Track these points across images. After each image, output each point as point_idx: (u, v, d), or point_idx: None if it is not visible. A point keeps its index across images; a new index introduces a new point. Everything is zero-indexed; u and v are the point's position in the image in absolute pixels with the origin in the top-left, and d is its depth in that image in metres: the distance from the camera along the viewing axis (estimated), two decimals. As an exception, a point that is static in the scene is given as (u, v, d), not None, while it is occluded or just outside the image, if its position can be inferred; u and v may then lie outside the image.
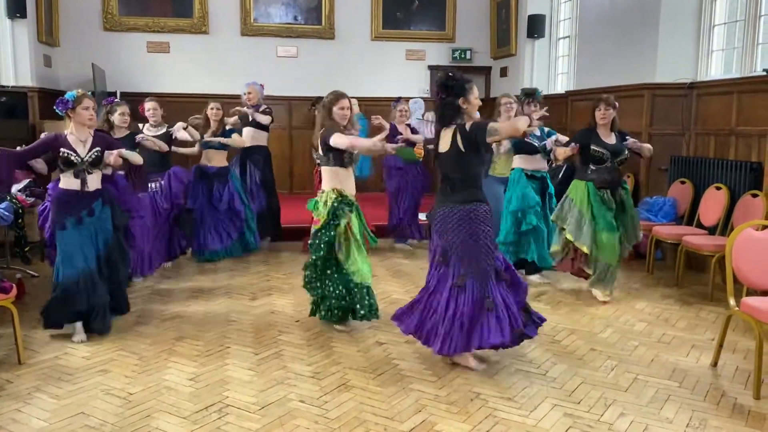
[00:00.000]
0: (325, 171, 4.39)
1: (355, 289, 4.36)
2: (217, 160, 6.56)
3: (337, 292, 4.38)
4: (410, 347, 4.18)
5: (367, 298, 4.38)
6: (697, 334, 4.55)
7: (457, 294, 3.72)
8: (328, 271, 4.40)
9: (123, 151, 4.45)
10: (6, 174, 4.43)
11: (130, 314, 4.78)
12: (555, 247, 5.41)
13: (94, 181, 4.36)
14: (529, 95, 5.73)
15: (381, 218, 7.37)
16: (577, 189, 5.25)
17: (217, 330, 4.52)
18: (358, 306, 4.35)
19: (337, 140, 4.19)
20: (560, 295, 5.50)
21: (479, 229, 3.73)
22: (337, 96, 4.35)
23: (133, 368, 3.84)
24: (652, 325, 4.74)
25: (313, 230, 4.41)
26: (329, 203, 4.31)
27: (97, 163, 4.35)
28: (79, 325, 4.34)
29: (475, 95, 3.75)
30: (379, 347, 4.21)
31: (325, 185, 4.39)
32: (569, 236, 5.19)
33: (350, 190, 4.41)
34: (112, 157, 4.34)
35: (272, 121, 7.07)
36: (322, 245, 4.33)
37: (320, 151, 4.36)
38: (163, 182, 6.04)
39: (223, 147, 6.53)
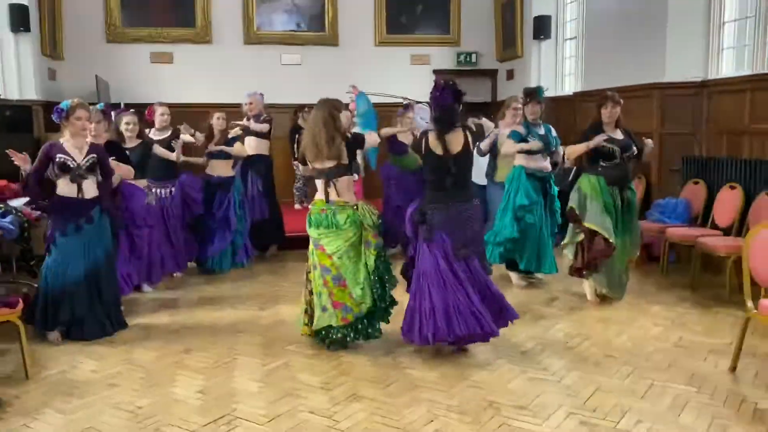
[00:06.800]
0: (348, 182, 4.20)
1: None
2: (220, 169, 6.57)
3: None
4: (421, 356, 4.16)
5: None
6: (714, 338, 4.50)
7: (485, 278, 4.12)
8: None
9: (116, 177, 4.84)
10: (41, 196, 4.54)
11: (136, 326, 4.80)
12: (566, 239, 5.37)
13: (90, 188, 4.48)
14: (529, 95, 5.69)
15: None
16: (589, 182, 5.19)
17: (224, 341, 4.52)
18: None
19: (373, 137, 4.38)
20: (573, 300, 5.46)
21: (482, 220, 4.35)
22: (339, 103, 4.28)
23: (140, 381, 3.83)
24: (668, 329, 4.69)
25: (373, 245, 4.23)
26: (375, 216, 4.22)
27: (93, 168, 4.48)
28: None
29: None
30: (389, 356, 4.19)
31: (349, 196, 4.21)
32: (593, 226, 5.06)
33: None
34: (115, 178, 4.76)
35: (270, 129, 7.10)
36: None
37: (342, 160, 4.13)
38: (173, 189, 6.11)
39: (226, 156, 6.54)
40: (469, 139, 4.09)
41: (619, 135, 5.20)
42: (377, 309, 4.24)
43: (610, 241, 5.05)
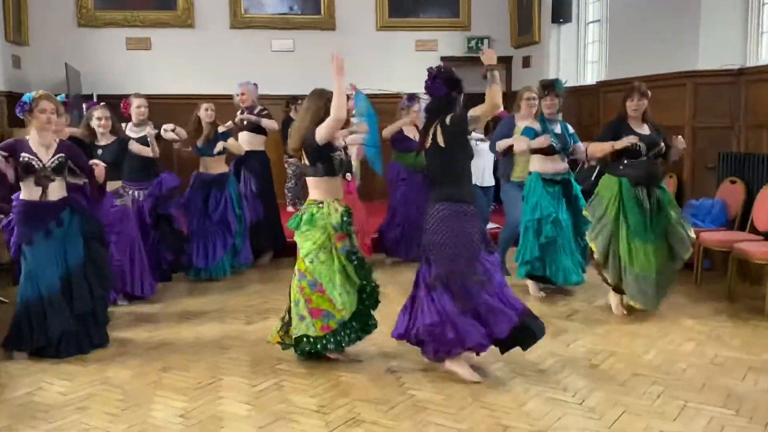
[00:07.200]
0: (313, 181, 4.29)
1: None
2: (215, 166, 6.61)
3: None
4: (427, 375, 4.16)
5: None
6: (753, 353, 4.50)
7: (439, 293, 3.97)
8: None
9: (101, 165, 4.71)
10: None
11: (111, 343, 4.79)
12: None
13: (56, 190, 4.51)
14: (547, 88, 5.71)
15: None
16: (609, 185, 5.25)
17: (208, 359, 4.52)
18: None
19: (323, 132, 4.14)
20: (596, 312, 5.47)
21: (460, 228, 3.99)
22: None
23: (115, 404, 3.83)
24: (702, 344, 4.70)
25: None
26: (337, 216, 4.20)
27: (59, 169, 4.51)
28: None
29: None
30: (391, 375, 4.20)
31: (316, 195, 4.27)
32: (593, 245, 5.26)
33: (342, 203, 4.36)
34: (98, 172, 4.66)
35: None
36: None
37: (305, 160, 4.27)
38: (148, 191, 6.11)
39: (220, 152, 6.57)
40: (439, 133, 4.04)
41: (645, 130, 5.22)
42: (366, 303, 4.34)
43: (593, 249, 5.24)
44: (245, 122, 6.99)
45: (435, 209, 4.05)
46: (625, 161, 5.19)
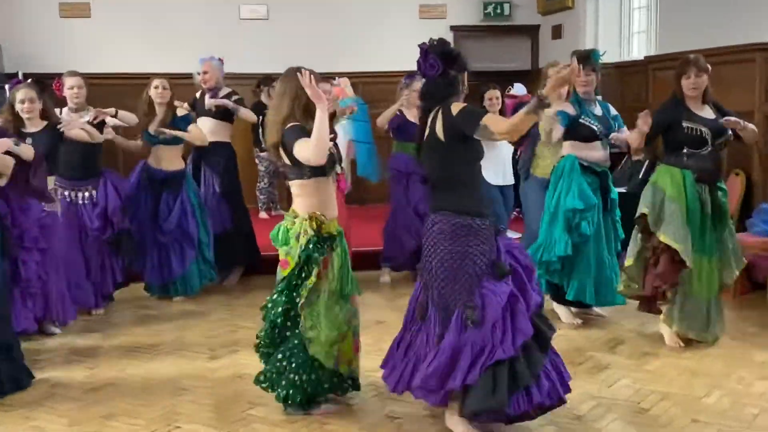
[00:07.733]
0: (297, 185, 4.23)
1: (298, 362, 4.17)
2: (168, 160, 6.61)
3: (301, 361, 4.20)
4: (434, 422, 4.14)
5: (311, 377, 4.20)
6: (842, 395, 4.51)
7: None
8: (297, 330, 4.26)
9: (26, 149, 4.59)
10: None
11: (40, 383, 4.77)
12: (629, 260, 5.42)
13: None
14: (582, 60, 5.69)
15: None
16: (672, 178, 5.21)
17: (162, 403, 4.51)
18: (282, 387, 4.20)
19: (302, 152, 4.00)
20: (645, 343, 5.47)
21: (460, 247, 3.84)
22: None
23: (45, 460, 3.83)
24: (778, 383, 4.71)
25: (279, 276, 4.29)
26: (303, 240, 4.12)
27: None
28: None
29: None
30: (391, 423, 4.19)
31: (299, 205, 4.23)
32: (670, 240, 5.10)
33: (333, 210, 4.29)
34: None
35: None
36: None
37: (285, 159, 4.19)
38: (95, 192, 6.11)
39: (175, 141, 6.58)
40: (439, 123, 3.90)
41: (708, 113, 5.23)
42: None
43: (686, 263, 5.09)
44: (215, 108, 6.95)
45: (430, 221, 3.95)
46: (686, 151, 5.19)
